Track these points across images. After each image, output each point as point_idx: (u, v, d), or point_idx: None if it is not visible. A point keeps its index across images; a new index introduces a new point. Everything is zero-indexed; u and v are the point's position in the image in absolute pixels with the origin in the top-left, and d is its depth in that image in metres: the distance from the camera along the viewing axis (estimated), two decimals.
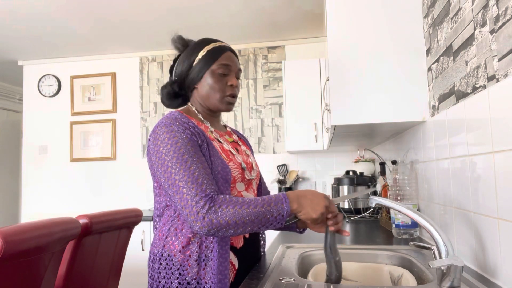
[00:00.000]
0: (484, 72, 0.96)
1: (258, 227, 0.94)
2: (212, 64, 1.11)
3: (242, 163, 1.13)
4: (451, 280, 0.86)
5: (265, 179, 3.55)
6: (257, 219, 0.92)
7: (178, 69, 1.15)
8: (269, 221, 0.93)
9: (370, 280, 1.22)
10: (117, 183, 3.76)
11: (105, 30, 3.26)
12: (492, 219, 0.93)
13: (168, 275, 1.00)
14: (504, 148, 0.86)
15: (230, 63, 1.13)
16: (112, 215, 1.99)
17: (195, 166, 0.96)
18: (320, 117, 3.12)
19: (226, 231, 0.92)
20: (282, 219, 0.94)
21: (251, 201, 0.94)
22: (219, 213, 0.91)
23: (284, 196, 0.97)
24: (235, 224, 0.91)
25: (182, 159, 0.96)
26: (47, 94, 3.88)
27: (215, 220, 0.90)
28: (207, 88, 1.12)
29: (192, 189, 0.93)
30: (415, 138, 1.64)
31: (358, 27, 1.52)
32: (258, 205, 0.93)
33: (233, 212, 0.91)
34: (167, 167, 0.97)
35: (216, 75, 1.11)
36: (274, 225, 0.95)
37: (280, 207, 0.94)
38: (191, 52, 1.14)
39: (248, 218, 0.91)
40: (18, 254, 1.31)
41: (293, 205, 0.96)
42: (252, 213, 0.92)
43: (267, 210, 0.93)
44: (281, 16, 3.07)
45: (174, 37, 1.18)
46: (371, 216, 2.27)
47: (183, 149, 0.98)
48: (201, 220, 0.90)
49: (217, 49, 1.13)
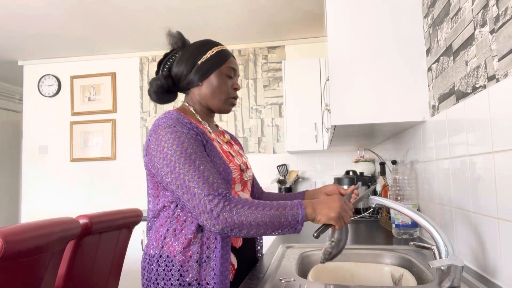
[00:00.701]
0: (484, 72, 0.96)
1: (272, 230, 0.93)
2: (222, 65, 1.13)
3: (242, 164, 1.14)
4: (451, 280, 0.86)
5: (265, 179, 3.55)
6: (271, 222, 0.91)
7: (179, 65, 1.14)
8: (283, 225, 0.92)
9: (370, 280, 1.22)
10: (117, 183, 3.76)
11: (105, 30, 3.26)
12: (492, 219, 0.93)
13: (167, 276, 0.99)
14: (504, 148, 0.86)
15: (236, 68, 1.17)
16: (112, 215, 1.99)
17: (203, 166, 0.96)
18: (320, 117, 3.12)
19: (240, 231, 0.91)
20: (296, 225, 0.93)
21: (266, 204, 0.94)
22: (234, 211, 0.90)
23: (300, 202, 0.96)
24: (249, 225, 0.90)
25: (190, 159, 0.95)
26: (47, 94, 3.88)
27: (229, 218, 0.89)
28: (213, 87, 1.12)
29: (204, 188, 0.92)
30: (415, 138, 1.64)
31: (358, 27, 1.52)
32: (273, 207, 0.93)
33: (248, 213, 0.90)
34: (174, 167, 0.95)
35: (224, 76, 1.13)
36: (288, 229, 0.94)
37: (296, 212, 0.93)
38: (197, 50, 1.14)
39: (262, 220, 0.91)
40: (18, 254, 1.31)
41: (308, 210, 0.96)
42: (267, 215, 0.91)
43: (282, 214, 0.92)
44: (281, 16, 3.07)
45: (173, 32, 1.17)
46: (371, 216, 2.27)
47: (190, 149, 0.97)
48: (216, 218, 0.89)
49: (225, 51, 1.16)
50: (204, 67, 1.12)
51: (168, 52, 1.19)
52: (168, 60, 1.18)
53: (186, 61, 1.13)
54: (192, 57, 1.13)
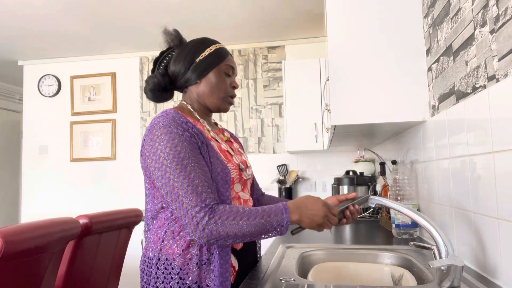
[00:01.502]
0: (484, 72, 0.96)
1: (257, 237, 0.95)
2: (220, 63, 1.12)
3: (240, 164, 1.13)
4: (451, 280, 0.86)
5: (265, 179, 3.55)
6: (256, 231, 0.93)
7: (176, 63, 1.13)
8: (268, 231, 0.95)
9: (371, 280, 1.22)
10: (117, 183, 3.76)
11: (105, 30, 3.26)
12: (492, 219, 0.93)
13: (167, 279, 0.97)
14: (504, 148, 0.86)
15: (234, 66, 1.16)
16: (112, 215, 1.99)
17: (194, 173, 0.95)
18: (320, 117, 3.12)
19: (225, 241, 0.93)
20: (282, 229, 0.95)
21: (251, 212, 0.94)
22: (219, 224, 0.91)
23: (284, 207, 0.97)
24: (234, 236, 0.92)
25: (182, 165, 0.95)
26: (47, 94, 3.88)
27: (215, 231, 0.91)
28: (211, 85, 1.11)
29: (191, 198, 0.92)
30: (415, 138, 1.64)
31: (358, 27, 1.52)
32: (258, 216, 0.94)
33: (233, 224, 0.91)
34: (165, 172, 0.95)
35: (222, 74, 1.12)
36: (274, 234, 0.96)
37: (280, 217, 0.95)
38: (194, 48, 1.12)
39: (247, 230, 0.92)
40: (18, 254, 1.31)
41: (294, 216, 0.98)
42: (252, 225, 0.92)
43: (267, 221, 0.94)
44: (281, 16, 3.07)
45: (169, 30, 1.15)
46: (371, 216, 2.27)
47: (182, 153, 0.96)
48: (201, 231, 0.91)
49: (223, 49, 1.15)
50: (202, 65, 1.10)
51: (165, 50, 1.18)
52: (165, 58, 1.17)
53: (183, 59, 1.12)
54: (190, 55, 1.12)
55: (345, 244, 1.47)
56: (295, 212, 0.98)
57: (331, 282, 1.22)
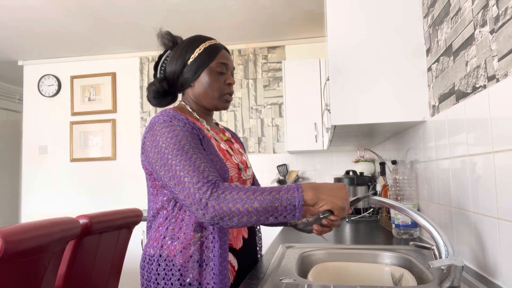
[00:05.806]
0: (484, 72, 0.96)
1: (266, 217, 0.86)
2: (210, 62, 1.10)
3: (240, 163, 1.13)
4: (451, 280, 0.86)
5: (265, 179, 3.55)
6: (263, 208, 0.85)
7: (170, 66, 1.12)
8: (277, 211, 0.86)
9: (371, 280, 1.22)
10: (117, 183, 3.76)
11: (105, 30, 3.26)
12: (492, 219, 0.93)
13: (168, 276, 0.98)
14: (504, 148, 0.86)
15: (227, 62, 1.13)
16: (112, 215, 1.99)
17: (196, 156, 0.93)
18: (320, 117, 3.12)
19: (230, 220, 0.86)
20: (293, 210, 0.86)
21: (258, 188, 0.89)
22: (222, 198, 0.86)
23: (297, 186, 0.89)
24: (238, 212, 0.85)
25: (183, 150, 0.93)
26: (47, 94, 3.88)
27: (217, 206, 0.85)
28: (205, 87, 1.10)
29: (194, 176, 0.89)
30: (415, 138, 1.64)
31: (358, 27, 1.52)
32: (265, 192, 0.87)
33: (237, 198, 0.85)
34: (167, 159, 0.93)
35: (215, 74, 1.10)
36: (284, 215, 0.87)
37: (291, 195, 0.87)
38: (185, 49, 1.11)
39: (253, 206, 0.85)
40: (18, 254, 1.31)
41: (308, 194, 0.88)
42: (257, 200, 0.85)
43: (275, 198, 0.86)
44: (281, 16, 3.07)
45: (161, 32, 1.14)
46: (371, 216, 2.27)
47: (183, 141, 0.95)
48: (204, 207, 0.86)
49: (213, 47, 1.12)
50: (193, 67, 1.09)
51: (162, 53, 1.18)
52: (164, 61, 1.17)
53: (176, 62, 1.11)
54: (181, 57, 1.11)
55: (345, 244, 1.47)
56: (310, 191, 0.89)
57: (331, 282, 1.22)
